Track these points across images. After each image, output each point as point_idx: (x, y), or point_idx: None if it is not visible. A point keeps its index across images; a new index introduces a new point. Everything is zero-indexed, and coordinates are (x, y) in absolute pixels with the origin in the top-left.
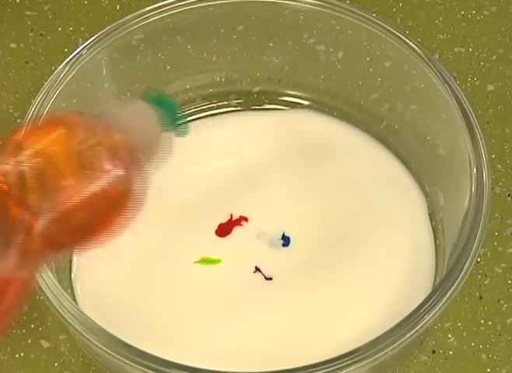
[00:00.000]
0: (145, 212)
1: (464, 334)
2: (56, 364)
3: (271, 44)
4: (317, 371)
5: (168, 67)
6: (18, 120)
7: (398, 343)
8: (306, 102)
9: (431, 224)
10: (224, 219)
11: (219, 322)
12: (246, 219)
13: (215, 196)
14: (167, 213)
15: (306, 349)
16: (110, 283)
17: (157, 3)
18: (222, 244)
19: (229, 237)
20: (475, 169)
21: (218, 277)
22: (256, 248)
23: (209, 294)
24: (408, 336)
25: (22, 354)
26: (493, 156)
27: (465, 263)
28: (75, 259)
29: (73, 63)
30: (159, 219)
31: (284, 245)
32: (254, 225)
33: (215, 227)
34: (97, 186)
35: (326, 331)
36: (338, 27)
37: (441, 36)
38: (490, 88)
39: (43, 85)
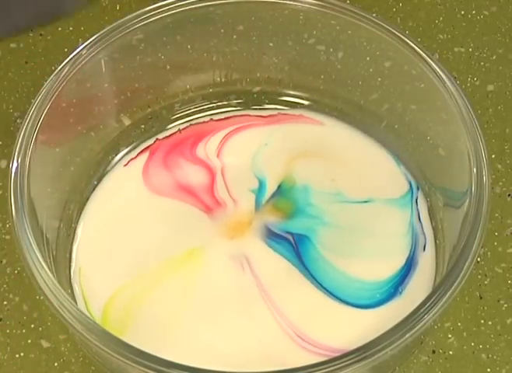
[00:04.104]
0: (144, 212)
1: (464, 334)
2: (56, 364)
3: (271, 44)
4: (317, 371)
5: (168, 67)
6: (18, 120)
7: (397, 343)
8: (306, 102)
9: (431, 224)
10: None
11: (219, 321)
12: None
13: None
14: (167, 211)
15: (305, 349)
16: (109, 283)
17: (157, 3)
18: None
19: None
20: (474, 169)
21: (217, 276)
22: (252, 245)
23: (209, 293)
24: (408, 336)
25: (22, 354)
26: (493, 156)
27: (465, 263)
28: (74, 258)
29: (73, 63)
30: (158, 218)
31: None
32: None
33: None
34: None
35: (325, 331)
36: (338, 27)
37: (441, 36)
38: (490, 88)
39: (43, 85)
